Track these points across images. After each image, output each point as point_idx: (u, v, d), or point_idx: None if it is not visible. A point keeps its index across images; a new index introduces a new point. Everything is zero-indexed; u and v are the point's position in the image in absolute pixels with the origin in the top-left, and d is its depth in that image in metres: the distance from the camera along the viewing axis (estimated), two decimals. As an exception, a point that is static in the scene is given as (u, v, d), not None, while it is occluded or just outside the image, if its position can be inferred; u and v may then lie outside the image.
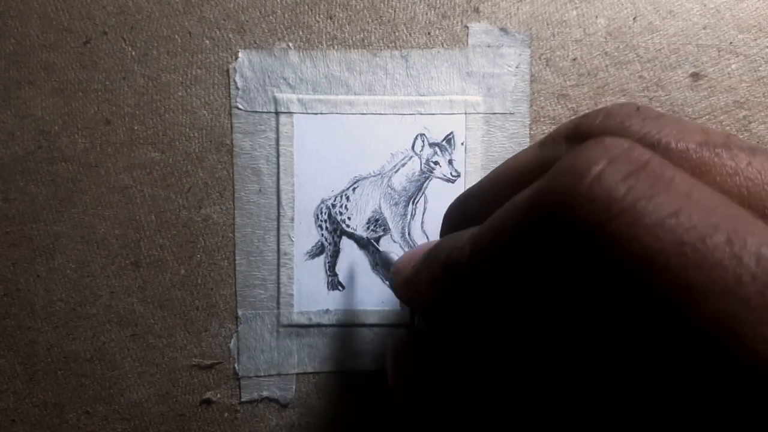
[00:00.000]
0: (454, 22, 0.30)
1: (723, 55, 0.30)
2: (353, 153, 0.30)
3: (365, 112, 0.30)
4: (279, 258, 0.30)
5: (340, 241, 0.31)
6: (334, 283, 0.31)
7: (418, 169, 0.31)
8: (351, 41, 0.30)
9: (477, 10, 0.30)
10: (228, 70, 0.30)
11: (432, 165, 0.31)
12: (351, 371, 0.31)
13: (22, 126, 0.29)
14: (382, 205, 0.31)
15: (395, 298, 0.30)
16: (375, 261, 0.31)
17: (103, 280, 0.30)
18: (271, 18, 0.30)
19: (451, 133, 0.30)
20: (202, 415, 0.31)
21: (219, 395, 0.30)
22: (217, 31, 0.30)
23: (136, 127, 0.30)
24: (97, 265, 0.30)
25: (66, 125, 0.30)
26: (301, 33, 0.30)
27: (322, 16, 0.30)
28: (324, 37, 0.30)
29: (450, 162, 0.31)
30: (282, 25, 0.30)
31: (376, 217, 0.31)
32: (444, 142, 0.30)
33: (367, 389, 0.31)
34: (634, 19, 0.30)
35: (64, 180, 0.30)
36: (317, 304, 0.31)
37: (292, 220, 0.30)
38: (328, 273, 0.31)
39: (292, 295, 0.30)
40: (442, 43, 0.30)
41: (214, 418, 0.31)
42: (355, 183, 0.31)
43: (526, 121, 0.31)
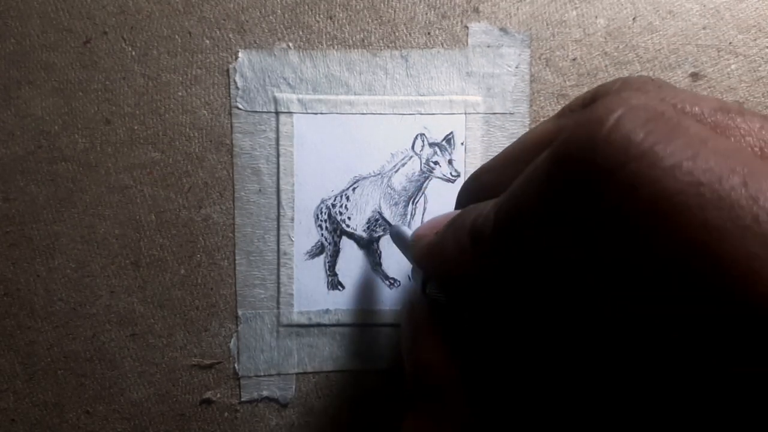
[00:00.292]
0: (454, 22, 0.30)
1: (723, 56, 0.30)
2: (353, 153, 0.30)
3: (365, 112, 0.30)
4: (279, 258, 0.30)
5: (340, 241, 0.31)
6: (334, 283, 0.31)
7: (418, 169, 0.31)
8: (351, 41, 0.30)
9: (477, 10, 0.30)
10: (228, 70, 0.30)
11: (432, 165, 0.31)
12: (351, 371, 0.31)
13: (22, 126, 0.29)
14: (382, 205, 0.31)
15: (395, 298, 0.30)
16: (374, 250, 0.31)
17: (103, 279, 0.30)
18: (271, 18, 0.30)
19: (451, 133, 0.30)
20: (202, 415, 0.31)
21: (219, 395, 0.31)
22: (217, 31, 0.30)
23: (136, 127, 0.30)
24: (97, 264, 0.30)
25: (66, 125, 0.30)
26: (301, 33, 0.30)
27: (322, 16, 0.30)
28: (324, 37, 0.30)
29: (450, 162, 0.31)
30: (282, 25, 0.30)
31: (376, 217, 0.31)
32: (444, 142, 0.31)
33: (366, 389, 0.31)
34: (634, 19, 0.30)
35: (64, 180, 0.30)
36: (317, 303, 0.31)
37: (292, 219, 0.30)
38: (328, 273, 0.31)
39: (292, 294, 0.30)
40: (442, 43, 0.30)
41: (214, 417, 0.31)
42: (355, 183, 0.31)
43: (525, 121, 0.31)
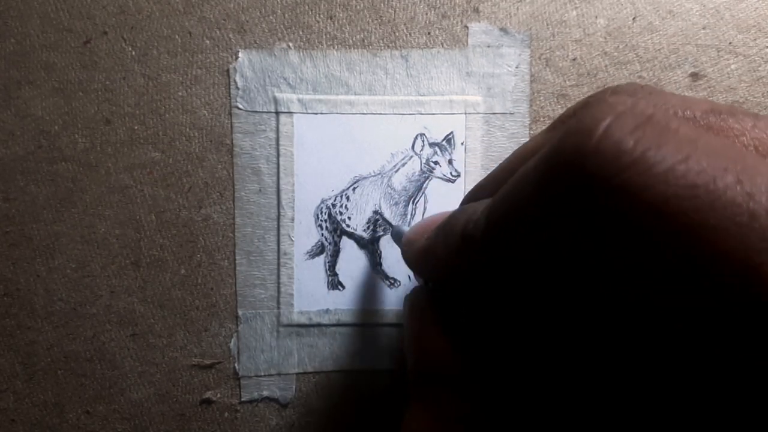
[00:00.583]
0: (454, 22, 0.30)
1: (722, 55, 0.30)
2: (353, 153, 0.30)
3: (365, 112, 0.30)
4: (279, 258, 0.30)
5: (340, 241, 0.31)
6: (334, 283, 0.31)
7: (418, 168, 0.31)
8: (351, 41, 0.30)
9: (477, 10, 0.30)
10: (228, 70, 0.30)
11: (432, 165, 0.31)
12: (351, 371, 0.31)
13: (22, 126, 0.29)
14: (383, 205, 0.31)
15: (395, 298, 0.30)
16: (374, 250, 0.31)
17: (103, 279, 0.30)
18: (271, 18, 0.30)
19: (451, 133, 0.30)
20: (202, 415, 0.31)
21: (219, 395, 0.31)
22: (218, 31, 0.30)
23: (136, 127, 0.30)
24: (97, 264, 0.30)
25: (66, 125, 0.30)
26: (301, 33, 0.30)
27: (322, 16, 0.30)
28: (324, 37, 0.30)
29: (450, 162, 0.31)
30: (282, 25, 0.30)
31: (376, 217, 0.31)
32: (444, 142, 0.31)
33: (367, 389, 0.31)
34: (634, 19, 0.30)
35: (64, 180, 0.30)
36: (317, 303, 0.31)
37: (292, 219, 0.30)
38: (328, 273, 0.31)
39: (292, 294, 0.30)
40: (442, 43, 0.30)
41: (214, 417, 0.31)
42: (355, 183, 0.31)
43: (526, 121, 0.31)
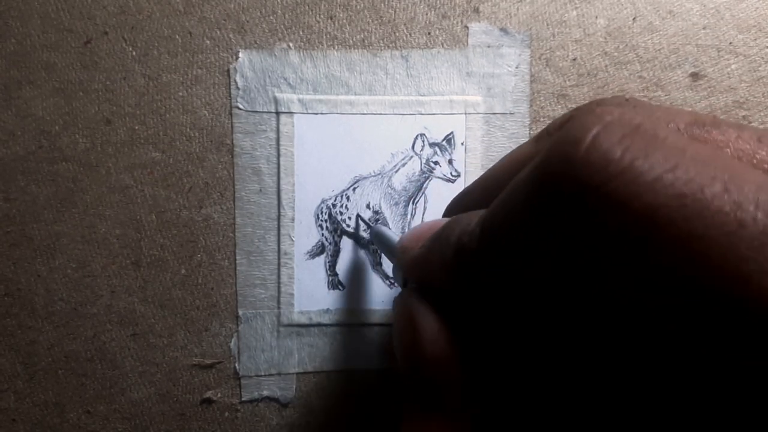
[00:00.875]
0: (454, 22, 0.30)
1: (723, 55, 0.30)
2: (353, 153, 0.30)
3: (365, 112, 0.30)
4: (279, 258, 0.30)
5: (340, 241, 0.31)
6: (335, 283, 0.31)
7: (418, 169, 0.31)
8: (351, 41, 0.30)
9: (477, 11, 0.30)
10: (228, 70, 0.30)
11: (432, 165, 0.31)
12: (351, 371, 0.31)
13: (22, 126, 0.29)
14: (383, 205, 0.31)
15: (395, 297, 0.30)
16: (374, 250, 0.31)
17: (103, 279, 0.30)
18: (271, 18, 0.30)
19: (451, 133, 0.31)
20: (203, 415, 0.31)
21: (219, 395, 0.31)
22: (218, 31, 0.30)
23: (136, 127, 0.30)
24: (97, 264, 0.30)
25: (67, 125, 0.30)
26: (301, 33, 0.30)
27: (322, 17, 0.30)
28: (324, 37, 0.30)
29: (450, 162, 0.31)
30: (282, 25, 0.30)
31: (377, 217, 0.31)
32: (444, 142, 0.31)
33: (367, 389, 0.31)
34: (634, 19, 0.30)
35: (64, 180, 0.30)
36: (318, 303, 0.31)
37: (293, 219, 0.30)
38: (329, 273, 0.31)
39: (292, 294, 0.30)
40: (442, 43, 0.30)
41: (214, 417, 0.31)
42: (355, 183, 0.31)
43: (526, 121, 0.31)
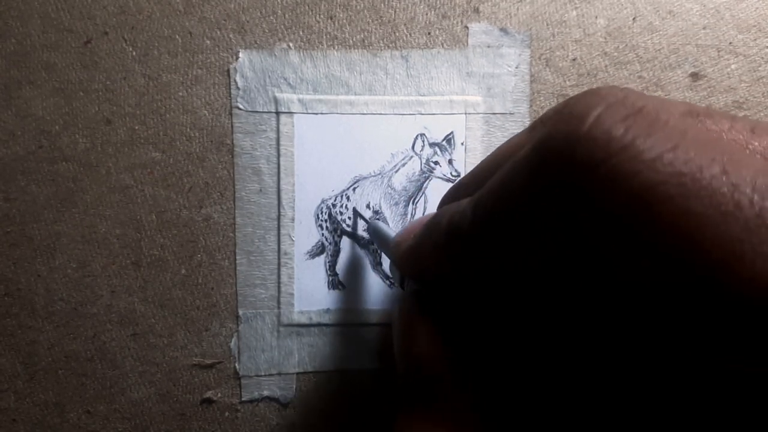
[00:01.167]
0: (454, 22, 0.30)
1: (723, 55, 0.30)
2: (353, 153, 0.30)
3: (365, 112, 0.30)
4: (279, 257, 0.30)
5: (340, 241, 0.31)
6: (335, 283, 0.31)
7: (419, 169, 0.31)
8: (351, 41, 0.30)
9: (477, 11, 0.30)
10: (229, 70, 0.30)
11: (432, 165, 0.31)
12: (351, 371, 0.31)
13: (23, 126, 0.29)
14: (383, 205, 0.31)
15: (395, 297, 0.31)
16: (374, 250, 0.31)
17: (103, 279, 0.30)
18: (271, 18, 0.30)
19: (451, 133, 0.31)
20: (203, 415, 0.31)
21: (219, 394, 0.31)
22: (218, 32, 0.30)
23: (136, 127, 0.30)
24: (97, 264, 0.30)
25: (67, 125, 0.30)
26: (301, 33, 0.30)
27: (322, 17, 0.30)
28: (324, 37, 0.30)
29: (450, 162, 0.31)
30: (282, 25, 0.30)
31: (377, 217, 0.31)
32: (444, 142, 0.31)
33: (367, 389, 0.31)
34: (634, 19, 0.30)
35: (65, 180, 0.30)
36: (318, 303, 0.31)
37: (293, 219, 0.30)
38: (329, 272, 0.31)
39: (292, 294, 0.30)
40: (442, 44, 0.30)
41: (214, 417, 0.31)
42: (355, 183, 0.31)
43: (526, 121, 0.31)
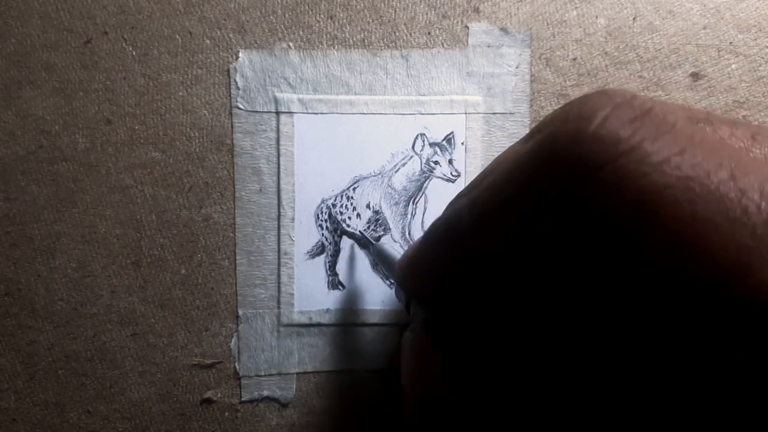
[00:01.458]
0: (455, 22, 0.30)
1: (723, 55, 0.30)
2: (353, 153, 0.30)
3: (365, 112, 0.30)
4: (279, 257, 0.30)
5: (340, 241, 0.31)
6: (335, 283, 0.31)
7: (419, 168, 0.31)
8: (351, 41, 0.30)
9: (477, 10, 0.30)
10: (228, 70, 0.30)
11: (432, 165, 0.31)
12: (351, 371, 0.31)
13: (23, 126, 0.29)
14: (383, 205, 0.31)
15: (395, 298, 0.31)
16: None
17: (103, 279, 0.30)
18: (271, 18, 0.30)
19: (452, 132, 0.30)
20: (203, 415, 0.31)
21: (219, 394, 0.31)
22: (218, 31, 0.30)
23: (136, 127, 0.30)
24: (97, 264, 0.30)
25: (67, 125, 0.30)
26: (301, 33, 0.30)
27: (322, 16, 0.30)
28: (324, 37, 0.30)
29: (450, 162, 0.31)
30: (282, 25, 0.30)
31: (377, 217, 0.31)
32: (444, 142, 0.31)
33: (367, 389, 0.31)
34: (634, 19, 0.30)
35: (65, 180, 0.30)
36: (318, 303, 0.31)
37: (293, 219, 0.30)
38: (329, 272, 0.31)
39: (292, 294, 0.30)
40: (443, 43, 0.30)
41: (214, 417, 0.31)
42: (355, 183, 0.31)
43: (526, 121, 0.31)
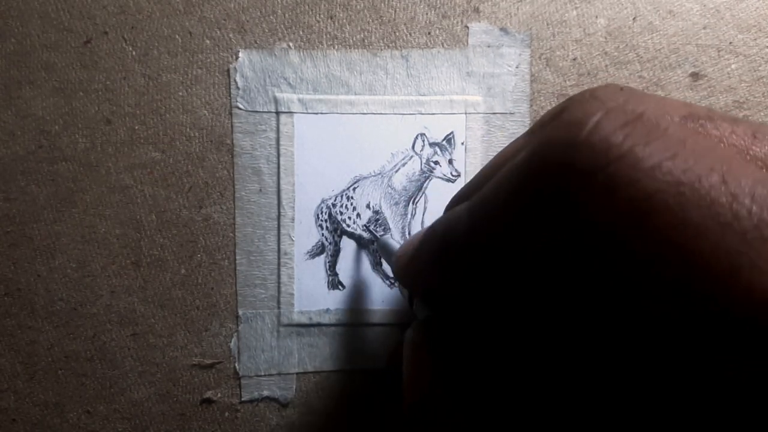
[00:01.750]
0: (455, 22, 0.30)
1: (723, 55, 0.30)
2: (353, 153, 0.30)
3: (365, 112, 0.30)
4: (279, 257, 0.30)
5: (340, 241, 0.31)
6: (335, 283, 0.31)
7: (419, 168, 0.31)
8: (351, 41, 0.30)
9: (477, 10, 0.30)
10: (228, 70, 0.30)
11: (432, 165, 0.31)
12: (351, 371, 0.31)
13: (22, 126, 0.29)
14: (383, 205, 0.31)
15: (395, 298, 0.31)
16: (374, 250, 0.31)
17: (103, 279, 0.30)
18: (271, 18, 0.30)
19: (451, 132, 0.30)
20: (203, 415, 0.31)
21: (219, 395, 0.31)
22: (218, 31, 0.30)
23: (136, 127, 0.30)
24: (97, 264, 0.30)
25: (67, 125, 0.30)
26: (301, 33, 0.30)
27: (322, 16, 0.30)
28: (324, 37, 0.30)
29: (450, 162, 0.31)
30: (282, 25, 0.30)
31: (377, 217, 0.31)
32: (444, 142, 0.31)
33: (367, 389, 0.31)
34: (634, 19, 0.30)
35: (64, 180, 0.30)
36: (317, 303, 0.31)
37: (293, 219, 0.30)
38: (329, 272, 0.31)
39: (292, 294, 0.30)
40: (443, 43, 0.30)
41: (214, 417, 0.31)
42: (355, 183, 0.31)
43: (526, 121, 0.31)
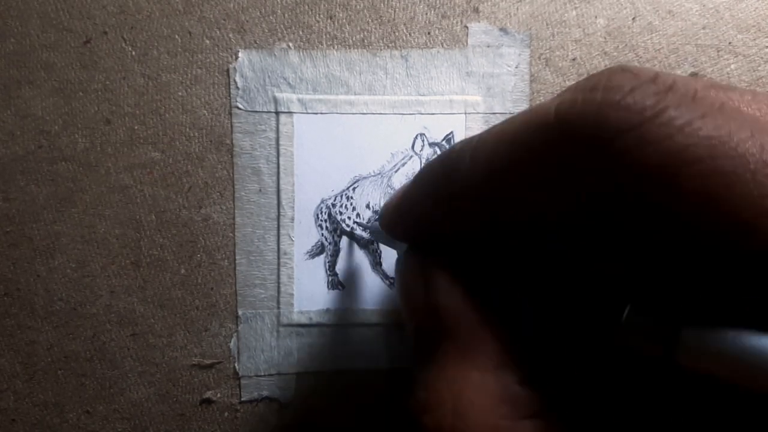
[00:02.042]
0: (454, 22, 0.30)
1: (722, 55, 0.30)
2: (353, 153, 0.30)
3: (365, 112, 0.30)
4: (279, 258, 0.30)
5: (340, 241, 0.31)
6: (334, 283, 0.31)
7: (419, 168, 0.31)
8: (351, 41, 0.30)
9: (477, 10, 0.30)
10: (228, 70, 0.30)
11: (432, 165, 0.31)
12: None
13: (22, 125, 0.29)
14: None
15: (395, 298, 0.30)
16: (374, 250, 0.31)
17: (103, 279, 0.30)
18: (271, 18, 0.30)
19: (451, 132, 0.31)
20: (203, 415, 0.31)
21: (219, 395, 0.31)
22: (218, 31, 0.30)
23: (136, 127, 0.30)
24: (97, 264, 0.30)
25: (66, 125, 0.30)
26: (301, 33, 0.30)
27: (322, 16, 0.30)
28: (324, 37, 0.30)
29: (450, 162, 0.31)
30: (282, 25, 0.30)
31: (377, 217, 0.31)
32: (444, 142, 0.31)
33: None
34: (634, 19, 0.30)
35: (64, 180, 0.30)
36: (317, 303, 0.31)
37: (292, 219, 0.30)
38: (328, 272, 0.31)
39: (292, 294, 0.30)
40: (442, 43, 0.30)
41: (214, 417, 0.31)
42: (355, 183, 0.31)
43: (525, 120, 0.31)
